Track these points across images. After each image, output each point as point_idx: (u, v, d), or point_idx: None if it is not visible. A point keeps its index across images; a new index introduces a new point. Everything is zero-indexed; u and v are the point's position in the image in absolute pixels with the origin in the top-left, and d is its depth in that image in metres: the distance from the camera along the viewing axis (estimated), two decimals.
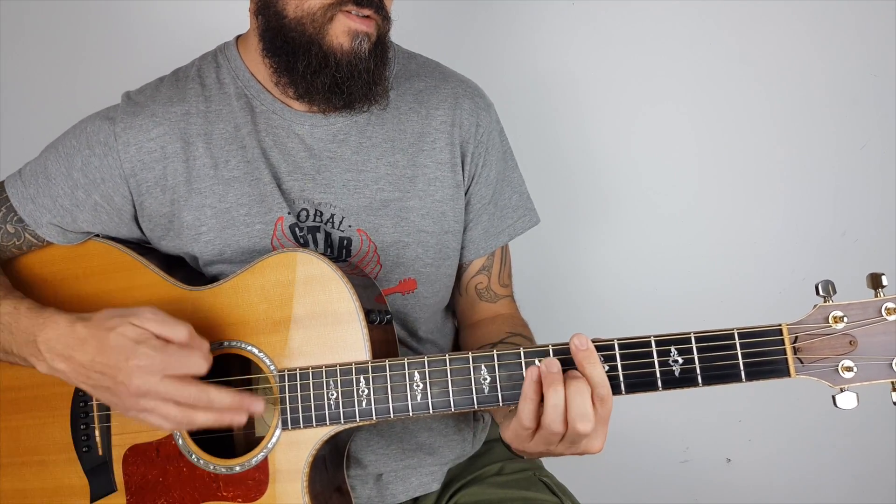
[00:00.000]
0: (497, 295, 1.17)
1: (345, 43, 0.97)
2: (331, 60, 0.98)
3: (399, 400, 0.89)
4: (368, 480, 1.06)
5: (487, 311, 1.17)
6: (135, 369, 0.87)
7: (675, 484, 1.69)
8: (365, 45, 0.98)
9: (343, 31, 0.97)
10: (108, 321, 0.90)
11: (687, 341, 0.81)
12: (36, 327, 0.94)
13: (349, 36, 0.97)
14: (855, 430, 1.65)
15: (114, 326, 0.89)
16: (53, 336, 0.92)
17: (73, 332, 0.91)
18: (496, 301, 1.17)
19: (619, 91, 1.58)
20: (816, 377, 0.79)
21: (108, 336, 0.89)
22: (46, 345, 0.93)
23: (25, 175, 1.07)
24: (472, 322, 1.18)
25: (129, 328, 0.88)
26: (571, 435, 0.83)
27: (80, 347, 0.90)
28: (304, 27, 0.97)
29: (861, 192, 1.59)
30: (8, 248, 1.08)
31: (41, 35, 1.58)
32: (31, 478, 1.04)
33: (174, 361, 0.87)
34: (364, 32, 0.98)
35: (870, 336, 0.77)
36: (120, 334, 0.88)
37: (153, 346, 0.87)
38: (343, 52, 0.97)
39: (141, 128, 1.03)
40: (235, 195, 1.03)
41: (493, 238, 1.14)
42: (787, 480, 1.69)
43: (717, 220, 1.61)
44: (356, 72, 0.98)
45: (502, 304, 1.17)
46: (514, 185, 1.17)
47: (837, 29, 1.54)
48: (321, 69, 0.98)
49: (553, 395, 0.81)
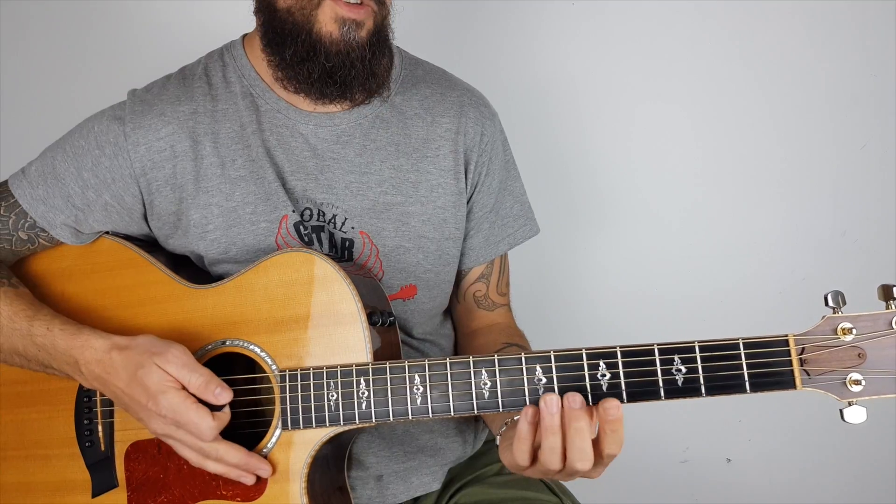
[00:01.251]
0: (494, 304, 1.15)
1: (334, 31, 0.94)
2: (319, 49, 0.95)
3: (399, 403, 0.87)
4: (369, 481, 1.05)
5: (484, 319, 1.15)
6: (153, 413, 0.89)
7: (675, 484, 1.68)
8: (356, 34, 0.95)
9: (331, 17, 0.94)
10: (139, 356, 0.90)
11: (691, 350, 0.79)
12: (75, 350, 0.95)
13: (337, 23, 0.94)
14: (855, 431, 1.61)
15: (142, 364, 0.90)
16: (92, 360, 0.94)
17: (109, 359, 0.92)
18: (493, 310, 1.15)
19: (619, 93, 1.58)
20: (823, 390, 0.76)
21: (136, 372, 0.90)
22: (87, 367, 0.94)
23: (32, 176, 1.04)
24: (469, 330, 1.16)
25: (153, 372, 0.89)
26: (569, 470, 0.80)
27: (114, 374, 0.92)
28: (293, 15, 0.95)
29: (861, 192, 1.58)
30: (21, 252, 1.07)
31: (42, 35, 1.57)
32: (35, 471, 1.04)
33: (185, 422, 0.88)
34: (353, 20, 0.94)
35: (879, 349, 0.74)
36: (145, 375, 0.89)
37: (169, 400, 0.88)
38: (332, 41, 0.95)
39: (150, 127, 1.01)
40: (242, 194, 1.02)
41: (493, 246, 1.13)
42: (787, 480, 1.68)
43: (717, 220, 1.61)
44: (349, 61, 0.96)
45: (499, 313, 1.16)
46: (515, 195, 1.15)
47: (837, 29, 1.53)
48: (309, 57, 0.96)
49: (550, 438, 0.78)
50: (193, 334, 0.97)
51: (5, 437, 1.05)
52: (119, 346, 0.92)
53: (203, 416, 0.87)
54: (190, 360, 0.89)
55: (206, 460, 0.90)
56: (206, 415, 0.88)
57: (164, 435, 0.91)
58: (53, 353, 0.96)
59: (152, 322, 0.99)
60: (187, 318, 0.97)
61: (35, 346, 0.97)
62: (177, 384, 0.88)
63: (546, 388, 0.82)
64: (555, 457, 0.79)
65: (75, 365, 0.95)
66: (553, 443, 0.78)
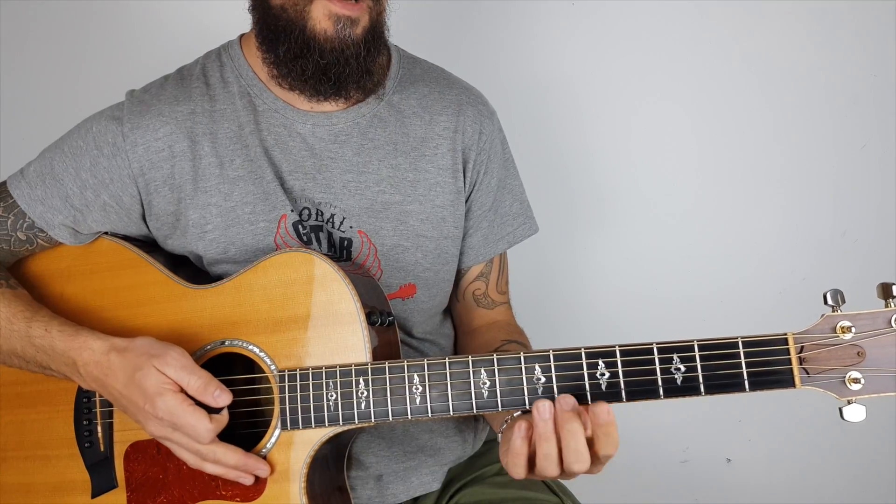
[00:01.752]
0: (494, 302, 1.15)
1: (328, 28, 0.93)
2: (312, 46, 0.94)
3: (398, 403, 0.86)
4: (369, 481, 1.04)
5: (484, 317, 1.15)
6: (150, 415, 0.89)
7: (675, 484, 1.68)
8: (350, 31, 0.94)
9: (324, 14, 0.93)
10: (137, 358, 0.90)
11: (690, 349, 0.78)
12: (73, 351, 0.94)
13: (331, 20, 0.93)
14: (855, 430, 1.61)
15: (140, 366, 0.89)
16: (91, 361, 0.93)
17: (108, 360, 0.92)
18: (493, 308, 1.15)
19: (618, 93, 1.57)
20: (822, 388, 0.75)
21: (134, 374, 0.89)
22: (85, 368, 0.94)
23: (30, 176, 1.04)
24: (469, 329, 1.16)
25: (151, 374, 0.88)
26: (567, 473, 0.80)
27: (112, 376, 0.92)
28: (286, 12, 0.95)
29: (861, 192, 1.58)
30: (20, 252, 1.06)
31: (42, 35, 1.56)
32: (34, 472, 1.03)
33: (182, 424, 0.87)
34: (347, 17, 0.93)
35: (878, 347, 0.74)
36: (144, 376, 0.89)
37: (167, 402, 0.87)
38: (327, 38, 0.94)
39: (148, 127, 1.01)
40: (240, 194, 1.01)
41: (492, 245, 1.12)
42: (787, 480, 1.67)
43: (717, 220, 1.60)
44: (343, 58, 0.95)
45: (499, 311, 1.15)
46: (514, 193, 1.15)
47: (837, 29, 1.53)
48: (302, 54, 0.95)
49: (544, 445, 0.78)
50: (192, 335, 0.96)
51: (5, 437, 1.05)
52: (117, 347, 0.92)
53: (200, 419, 0.87)
54: (189, 362, 0.89)
55: (203, 462, 0.90)
56: (203, 417, 0.87)
57: (162, 437, 0.91)
58: (52, 355, 0.96)
59: (151, 322, 0.98)
60: (186, 319, 0.97)
61: (33, 347, 0.96)
62: (175, 387, 0.88)
63: (545, 388, 0.82)
64: (551, 463, 0.79)
65: (73, 366, 0.94)
66: (548, 450, 0.78)
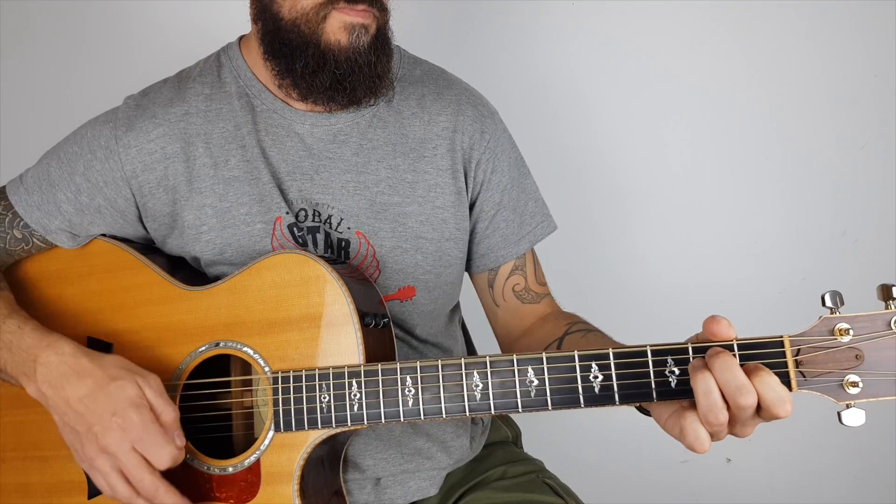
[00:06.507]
0: (538, 294, 1.09)
1: (342, 39, 0.93)
2: (329, 58, 0.93)
3: (390, 405, 0.84)
4: (366, 485, 1.02)
5: (533, 313, 1.09)
6: (114, 427, 0.84)
7: (675, 484, 1.66)
8: (364, 39, 0.93)
9: (339, 26, 0.92)
10: (114, 369, 0.87)
11: (684, 352, 0.76)
12: (39, 348, 0.89)
13: (346, 31, 0.92)
14: (855, 431, 1.58)
15: (118, 377, 0.86)
16: (55, 361, 0.88)
17: (77, 363, 0.87)
18: (539, 301, 1.09)
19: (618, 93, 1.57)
20: (820, 392, 0.72)
21: (108, 384, 0.85)
22: (45, 367, 0.88)
23: (28, 182, 1.03)
24: (521, 332, 1.09)
25: (132, 387, 0.85)
26: (739, 415, 0.72)
27: (75, 380, 0.86)
28: (299, 28, 0.93)
29: (861, 192, 1.57)
30: (16, 252, 1.05)
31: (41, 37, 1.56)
32: (32, 473, 1.01)
33: (149, 442, 0.84)
34: (361, 24, 0.93)
35: (877, 350, 0.70)
36: (120, 387, 0.85)
37: (141, 417, 0.84)
38: (341, 49, 0.93)
39: (141, 130, 1.00)
40: (236, 195, 0.99)
41: (513, 245, 1.08)
42: (787, 480, 1.65)
43: (717, 219, 1.59)
44: (356, 66, 0.94)
45: (546, 303, 1.10)
46: (529, 192, 1.11)
47: (837, 29, 1.52)
48: (320, 68, 0.94)
49: (700, 382, 0.71)
50: (187, 336, 0.94)
51: (3, 438, 1.03)
52: (91, 355, 0.89)
53: (169, 443, 0.84)
54: (164, 392, 0.87)
55: (136, 498, 0.85)
56: (171, 442, 0.84)
57: (95, 466, 0.85)
58: (16, 352, 0.91)
59: (147, 324, 0.97)
60: (181, 320, 0.95)
61: (0, 342, 0.93)
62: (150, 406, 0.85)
63: (538, 390, 0.79)
64: (714, 402, 0.71)
65: (32, 364, 0.89)
66: (704, 386, 0.71)
